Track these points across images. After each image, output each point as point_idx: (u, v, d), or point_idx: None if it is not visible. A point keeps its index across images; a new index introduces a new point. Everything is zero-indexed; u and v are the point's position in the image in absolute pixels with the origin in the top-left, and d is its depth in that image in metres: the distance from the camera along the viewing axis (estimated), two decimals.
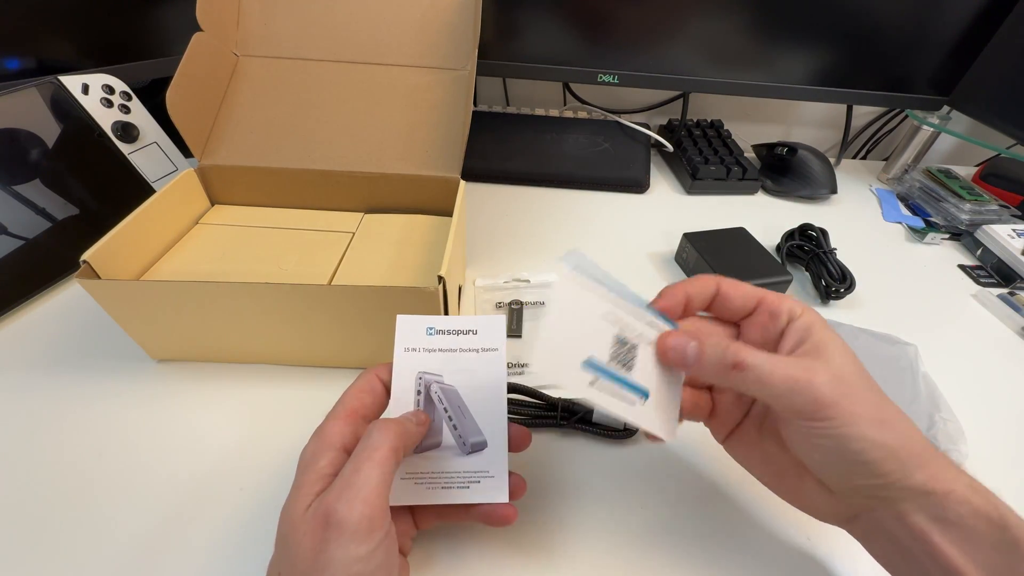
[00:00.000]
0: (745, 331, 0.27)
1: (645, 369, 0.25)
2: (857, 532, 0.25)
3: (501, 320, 0.28)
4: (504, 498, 0.26)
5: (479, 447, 0.26)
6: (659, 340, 0.25)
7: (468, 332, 0.27)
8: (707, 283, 0.26)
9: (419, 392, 0.26)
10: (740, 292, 0.26)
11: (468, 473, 0.26)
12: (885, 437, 0.22)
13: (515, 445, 0.27)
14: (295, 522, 0.21)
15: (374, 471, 0.21)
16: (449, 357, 0.27)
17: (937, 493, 0.21)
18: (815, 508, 0.25)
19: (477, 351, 0.27)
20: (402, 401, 0.26)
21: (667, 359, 0.25)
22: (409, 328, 0.27)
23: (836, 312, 0.47)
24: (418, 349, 0.27)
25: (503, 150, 0.65)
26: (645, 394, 0.24)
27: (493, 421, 0.26)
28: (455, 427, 0.26)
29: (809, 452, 0.23)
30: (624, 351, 0.24)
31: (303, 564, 0.20)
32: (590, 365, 0.23)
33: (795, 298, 0.25)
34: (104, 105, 0.49)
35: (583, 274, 0.25)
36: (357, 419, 0.24)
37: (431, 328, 0.27)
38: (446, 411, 0.26)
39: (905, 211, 0.65)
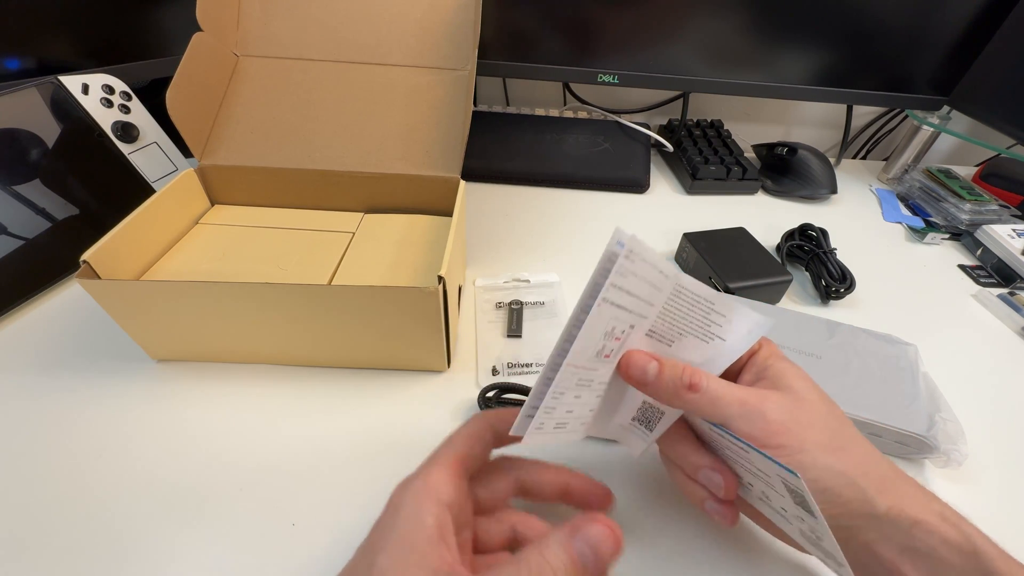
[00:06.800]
0: None
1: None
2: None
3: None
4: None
5: None
6: (623, 357, 0.24)
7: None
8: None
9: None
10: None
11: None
12: (841, 464, 0.21)
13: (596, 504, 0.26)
14: None
15: None
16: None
17: (903, 522, 0.21)
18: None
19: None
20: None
21: (627, 376, 0.24)
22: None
23: (836, 312, 0.47)
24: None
25: (503, 150, 0.65)
26: None
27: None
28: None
29: None
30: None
31: None
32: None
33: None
34: (104, 105, 0.49)
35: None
36: (462, 472, 0.23)
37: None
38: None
39: (905, 211, 0.65)
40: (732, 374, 0.26)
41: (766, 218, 0.59)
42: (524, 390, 0.35)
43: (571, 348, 0.21)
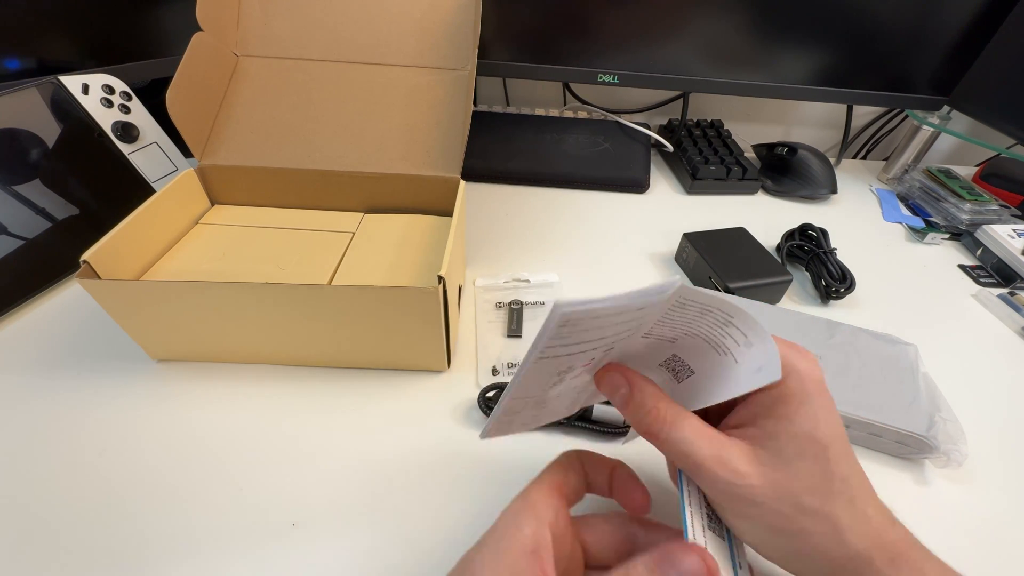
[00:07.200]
0: None
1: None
2: None
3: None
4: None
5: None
6: (599, 371, 0.23)
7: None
8: None
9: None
10: None
11: None
12: (784, 544, 0.21)
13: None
14: None
15: None
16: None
17: None
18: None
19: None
20: None
21: (600, 389, 0.24)
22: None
23: (836, 312, 0.47)
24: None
25: (503, 150, 0.65)
26: None
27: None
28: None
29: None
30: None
31: None
32: None
33: (787, 348, 0.21)
34: (104, 105, 0.49)
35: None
36: (560, 496, 0.23)
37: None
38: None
39: (905, 211, 0.65)
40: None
41: (766, 218, 0.59)
42: None
43: (510, 391, 0.21)
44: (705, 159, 0.65)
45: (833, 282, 0.47)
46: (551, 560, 0.20)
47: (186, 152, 0.53)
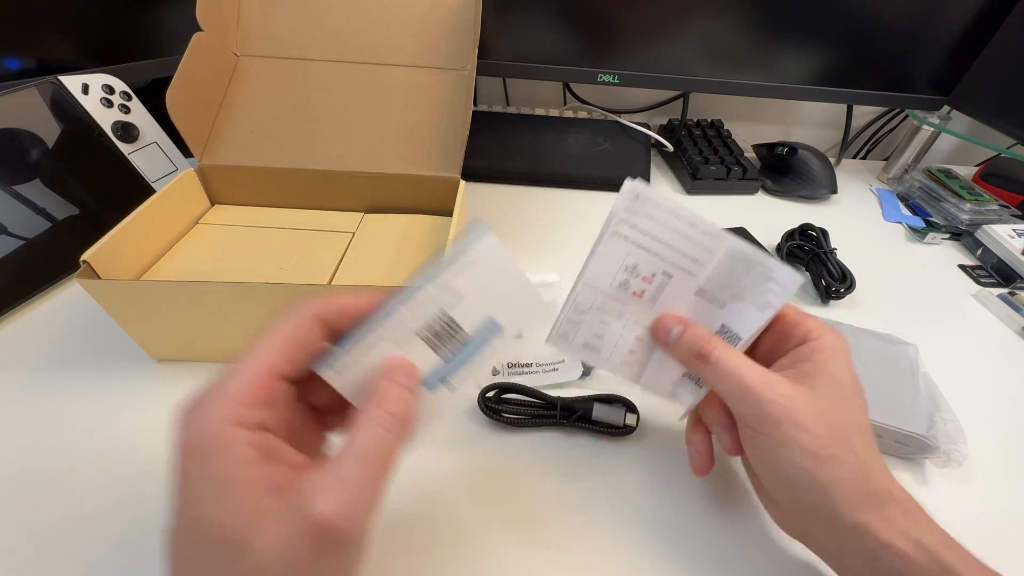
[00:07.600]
0: (758, 344, 0.28)
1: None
2: (810, 547, 0.25)
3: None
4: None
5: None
6: (657, 318, 0.27)
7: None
8: None
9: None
10: None
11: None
12: (818, 471, 0.22)
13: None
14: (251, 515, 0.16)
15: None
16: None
17: (869, 541, 0.21)
18: (772, 514, 0.27)
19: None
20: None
21: (655, 335, 0.27)
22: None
23: (836, 312, 0.47)
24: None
25: (503, 150, 0.65)
26: None
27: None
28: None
29: (750, 454, 0.25)
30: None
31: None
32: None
33: (822, 320, 0.26)
34: (104, 105, 0.49)
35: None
36: (274, 384, 0.19)
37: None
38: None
39: (905, 211, 0.65)
40: (778, 353, 0.26)
41: (766, 218, 0.59)
42: (524, 390, 0.35)
43: (585, 269, 0.26)
44: (705, 159, 0.65)
45: (833, 282, 0.47)
46: (286, 448, 0.18)
47: (186, 152, 0.53)
